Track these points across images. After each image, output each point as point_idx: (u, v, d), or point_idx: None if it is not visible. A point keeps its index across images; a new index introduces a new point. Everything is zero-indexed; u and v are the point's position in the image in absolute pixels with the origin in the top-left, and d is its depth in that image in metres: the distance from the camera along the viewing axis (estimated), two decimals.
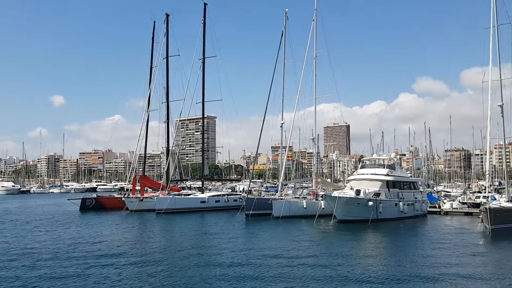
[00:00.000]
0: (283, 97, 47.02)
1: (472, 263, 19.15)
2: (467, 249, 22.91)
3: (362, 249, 23.59)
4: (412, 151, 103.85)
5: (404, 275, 16.49)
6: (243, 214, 39.43)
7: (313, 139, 50.84)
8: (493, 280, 15.91)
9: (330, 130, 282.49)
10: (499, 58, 35.29)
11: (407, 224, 35.50)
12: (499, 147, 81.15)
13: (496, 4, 35.42)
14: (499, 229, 28.68)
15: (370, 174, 40.53)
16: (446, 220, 39.26)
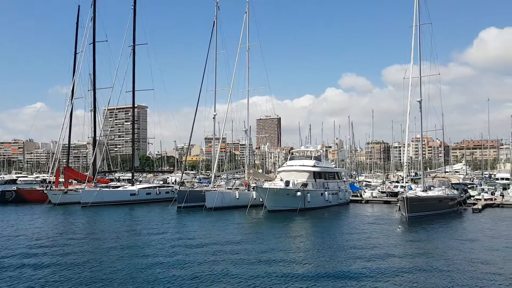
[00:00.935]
0: (216, 89, 46.68)
1: (390, 247, 20.46)
2: (386, 235, 24.39)
3: (290, 237, 24.17)
4: (337, 143, 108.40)
5: (329, 259, 17.34)
6: (175, 206, 38.70)
7: (245, 131, 51.14)
8: (409, 260, 17.20)
9: (262, 122, 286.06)
10: (420, 56, 37.72)
11: (331, 212, 37.09)
12: (416, 140, 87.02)
13: (418, 5, 37.71)
14: (415, 217, 30.81)
15: (299, 165, 41.72)
16: (367, 208, 41.46)
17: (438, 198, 35.15)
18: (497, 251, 19.82)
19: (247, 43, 46.84)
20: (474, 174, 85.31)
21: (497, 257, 18.39)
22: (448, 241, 22.75)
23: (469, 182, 58.04)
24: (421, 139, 42.66)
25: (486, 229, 27.10)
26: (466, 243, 21.92)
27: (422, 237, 24.29)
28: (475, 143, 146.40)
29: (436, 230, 26.90)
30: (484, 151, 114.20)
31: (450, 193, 37.90)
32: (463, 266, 16.31)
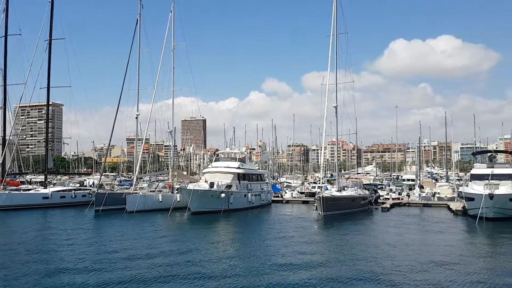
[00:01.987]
0: (139, 88, 45.09)
1: (308, 244, 21.42)
2: (303, 233, 25.51)
3: (213, 239, 24.16)
4: (261, 145, 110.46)
5: (251, 257, 17.74)
6: (92, 210, 36.78)
7: (170, 132, 50.14)
8: (322, 255, 18.16)
9: (188, 123, 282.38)
10: (336, 64, 39.88)
11: (254, 213, 37.87)
12: (332, 143, 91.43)
13: (336, 15, 39.81)
14: (330, 215, 32.50)
15: (223, 167, 41.95)
16: (287, 208, 42.88)
17: (351, 197, 37.41)
18: (399, 245, 21.66)
19: (172, 42, 46.12)
20: (383, 176, 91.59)
21: (399, 251, 20.11)
22: (359, 237, 24.38)
23: (379, 183, 62.23)
24: (337, 142, 45.02)
25: (392, 226, 29.48)
26: (374, 239, 23.68)
27: (335, 234, 25.75)
28: (385, 147, 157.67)
29: (348, 227, 28.63)
30: (393, 154, 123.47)
31: (362, 193, 40.51)
32: (371, 259, 17.61)
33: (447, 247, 21.22)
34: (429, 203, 45.01)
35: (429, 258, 18.43)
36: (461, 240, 24.43)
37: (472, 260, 18.13)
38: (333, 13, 39.71)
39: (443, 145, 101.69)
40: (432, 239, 24.36)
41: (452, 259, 18.29)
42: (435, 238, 24.47)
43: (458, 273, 15.36)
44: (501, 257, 19.05)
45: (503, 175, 34.01)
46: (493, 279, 14.62)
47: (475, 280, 14.43)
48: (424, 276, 14.90)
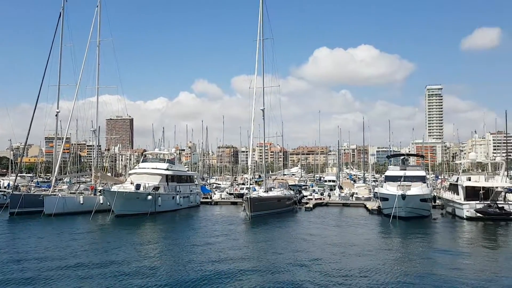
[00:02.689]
0: (60, 84, 42.20)
1: (234, 244, 21.43)
2: (230, 233, 25.51)
3: (138, 243, 23.15)
4: (191, 146, 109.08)
5: (175, 260, 17.25)
6: (7, 212, 33.78)
7: (94, 131, 47.39)
8: (249, 254, 18.21)
9: (113, 122, 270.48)
10: (263, 68, 40.54)
11: (182, 215, 37.15)
12: (260, 145, 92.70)
13: (262, 20, 40.50)
14: (257, 215, 32.89)
15: (151, 168, 40.68)
16: (216, 209, 42.68)
17: (277, 198, 38.22)
18: (320, 241, 22.51)
19: (97, 38, 43.86)
20: (307, 177, 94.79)
21: (320, 247, 20.91)
22: (284, 235, 24.94)
23: (303, 184, 64.37)
24: (264, 144, 45.79)
25: (315, 224, 30.56)
26: (298, 237, 24.35)
27: (262, 233, 26.06)
28: (309, 149, 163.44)
29: (274, 226, 29.15)
30: (316, 157, 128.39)
31: (287, 193, 41.58)
32: (293, 255, 18.09)
33: (363, 243, 22.46)
34: (348, 203, 47.38)
35: (347, 252, 19.59)
36: (376, 237, 25.96)
37: (385, 253, 19.44)
38: (259, 19, 40.42)
39: (361, 148, 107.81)
40: (350, 236, 25.64)
41: (367, 252, 19.54)
42: (352, 235, 25.79)
43: (372, 265, 16.52)
44: (409, 251, 20.55)
45: (414, 176, 36.74)
46: (402, 268, 16.03)
47: (387, 269, 15.79)
48: (341, 267, 15.60)
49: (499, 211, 31.18)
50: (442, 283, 14.07)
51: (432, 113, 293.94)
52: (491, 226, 29.42)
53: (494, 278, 14.94)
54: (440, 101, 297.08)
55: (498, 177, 37.20)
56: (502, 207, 31.51)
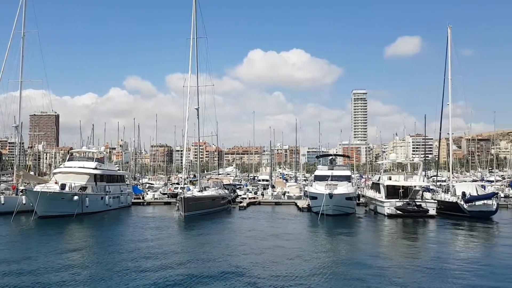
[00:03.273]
0: None
1: (167, 245, 20.78)
2: (163, 234, 24.81)
3: (59, 244, 21.70)
4: (122, 145, 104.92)
5: (100, 264, 16.34)
6: None
7: (16, 127, 43.81)
8: (181, 255, 17.80)
9: (37, 118, 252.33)
10: (197, 67, 40.05)
11: (112, 216, 35.50)
12: (195, 144, 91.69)
13: (196, 18, 40.00)
14: (191, 215, 32.41)
15: (78, 167, 38.46)
16: (149, 210, 41.41)
17: (212, 197, 37.98)
18: (253, 238, 22.71)
19: (22, 29, 40.67)
20: (242, 176, 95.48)
21: (253, 244, 21.05)
22: (217, 235, 24.78)
23: (238, 183, 64.64)
24: (199, 143, 45.29)
25: (248, 223, 30.80)
26: (231, 235, 24.36)
27: (195, 234, 25.71)
28: (244, 149, 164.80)
29: (208, 226, 28.89)
30: (251, 156, 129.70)
31: (222, 192, 41.49)
32: (225, 254, 18.03)
33: (293, 239, 23.05)
34: (280, 202, 48.39)
35: (277, 249, 19.87)
36: (305, 233, 26.75)
37: (312, 248, 20.05)
38: (193, 17, 39.92)
39: (293, 149, 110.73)
40: (281, 232, 26.14)
41: (295, 248, 20.02)
42: (283, 231, 26.34)
43: (299, 260, 17.09)
44: (335, 247, 21.41)
45: (341, 176, 38.39)
46: (327, 263, 16.57)
47: (314, 258, 16.38)
48: (272, 264, 15.84)
49: (417, 209, 33.56)
50: (364, 275, 14.80)
51: (357, 116, 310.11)
52: (410, 222, 31.57)
53: (411, 271, 16.01)
54: (365, 105, 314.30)
55: (416, 177, 40.07)
56: (420, 205, 33.93)
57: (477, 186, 39.57)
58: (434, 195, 40.02)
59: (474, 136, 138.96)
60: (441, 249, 21.13)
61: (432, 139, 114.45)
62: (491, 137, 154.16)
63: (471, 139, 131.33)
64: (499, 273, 15.64)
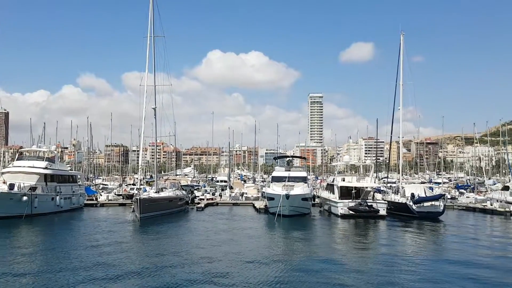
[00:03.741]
0: None
1: (119, 250, 20.09)
2: (116, 236, 24.08)
3: (4, 248, 20.62)
4: (75, 144, 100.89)
5: (52, 268, 15.54)
6: None
7: None
8: (135, 259, 17.32)
9: None
10: (154, 66, 39.27)
11: (62, 218, 34.00)
12: (152, 144, 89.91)
13: (153, 17, 39.24)
14: (147, 217, 31.67)
15: (28, 166, 36.61)
16: (102, 212, 40.08)
17: (169, 198, 37.34)
18: (211, 240, 22.57)
19: None
20: (200, 177, 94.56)
21: (211, 245, 20.94)
22: (173, 237, 24.44)
23: (196, 184, 63.96)
24: (156, 144, 44.45)
25: (205, 224, 30.56)
26: (188, 237, 24.10)
27: (150, 235, 25.19)
28: (202, 150, 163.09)
29: (164, 228, 28.40)
30: (209, 157, 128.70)
31: (179, 193, 40.87)
32: (181, 256, 17.80)
33: (250, 239, 23.15)
34: (238, 202, 48.42)
35: (235, 248, 20.01)
36: (261, 233, 26.92)
37: (268, 248, 20.21)
38: (150, 15, 39.21)
39: (251, 150, 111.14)
40: (238, 233, 26.20)
41: (252, 249, 20.19)
42: (240, 233, 26.40)
43: (256, 259, 17.10)
44: (290, 246, 21.73)
45: (298, 177, 38.97)
46: (283, 257, 16.82)
47: (270, 259, 17.04)
48: (228, 264, 15.81)
49: (368, 209, 34.67)
50: (316, 273, 15.12)
51: (313, 119, 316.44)
52: (361, 222, 32.56)
53: (363, 268, 16.52)
54: (321, 108, 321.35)
55: (368, 178, 41.39)
56: (371, 205, 35.08)
57: (425, 187, 41.51)
58: (384, 196, 41.56)
59: (423, 140, 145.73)
60: (391, 249, 21.94)
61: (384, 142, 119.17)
62: (439, 141, 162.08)
63: (419, 143, 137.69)
64: (445, 271, 16.46)
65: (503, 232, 29.23)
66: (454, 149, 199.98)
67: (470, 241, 24.27)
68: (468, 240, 24.43)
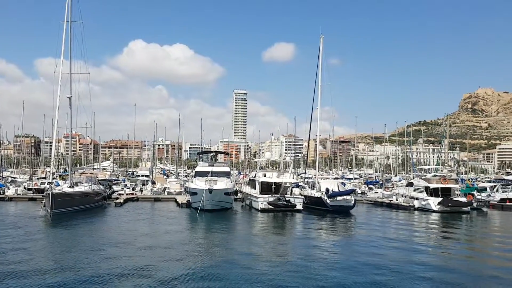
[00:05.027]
0: None
1: (26, 248, 18.47)
2: (23, 235, 22.07)
3: None
4: None
5: None
6: None
7: None
8: (43, 263, 16.07)
9: None
10: (70, 52, 36.61)
11: None
12: (67, 136, 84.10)
13: (70, 2, 36.58)
14: (60, 213, 29.59)
15: None
16: (10, 206, 36.85)
17: (84, 193, 35.25)
18: (130, 237, 21.72)
19: None
20: (120, 171, 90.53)
21: (123, 244, 20.08)
22: (87, 233, 23.11)
23: (114, 179, 61.18)
24: (71, 135, 41.62)
25: (124, 220, 29.36)
26: (105, 235, 22.91)
27: (62, 234, 23.43)
28: (123, 143, 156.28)
29: (78, 225, 26.65)
30: (130, 151, 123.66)
31: (96, 188, 38.75)
32: (98, 257, 16.87)
33: (171, 235, 22.77)
34: (160, 197, 47.27)
35: (155, 244, 19.51)
36: (183, 229, 26.54)
37: (191, 243, 20.05)
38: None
39: (175, 144, 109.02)
40: (159, 228, 25.60)
41: (174, 242, 19.87)
42: (161, 228, 25.81)
43: (177, 255, 16.90)
44: (212, 240, 21.73)
45: (221, 172, 39.12)
46: (204, 251, 16.89)
47: (191, 253, 16.70)
48: (148, 261, 15.36)
49: (286, 203, 35.92)
50: (236, 266, 15.33)
51: (238, 115, 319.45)
52: (280, 216, 33.63)
53: (278, 259, 17.08)
54: (245, 104, 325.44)
55: (287, 174, 42.89)
56: (289, 200, 36.37)
57: (339, 183, 44.06)
58: (302, 191, 43.33)
59: (338, 138, 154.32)
60: (305, 241, 22.98)
61: (303, 139, 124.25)
62: (352, 139, 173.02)
63: (334, 141, 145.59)
64: (354, 259, 17.63)
65: (407, 225, 31.95)
66: (365, 147, 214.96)
67: (377, 232, 26.26)
68: (375, 232, 26.39)
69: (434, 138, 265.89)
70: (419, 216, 37.13)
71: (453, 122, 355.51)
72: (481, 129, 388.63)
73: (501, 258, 19.21)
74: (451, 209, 38.53)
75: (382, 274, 14.90)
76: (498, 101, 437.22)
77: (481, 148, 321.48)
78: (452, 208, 38.60)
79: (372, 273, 15.02)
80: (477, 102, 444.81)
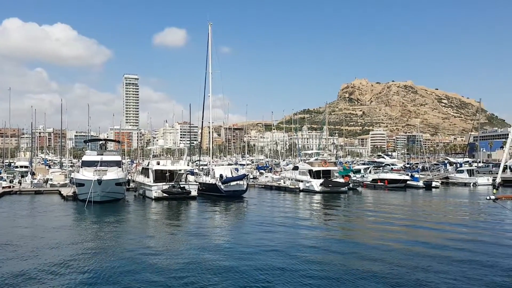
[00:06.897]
0: None
1: None
2: None
3: None
4: None
5: None
6: None
7: None
8: None
9: None
10: None
11: None
12: None
13: None
14: None
15: None
16: None
17: None
18: (9, 236, 19.37)
19: None
20: None
21: (10, 243, 17.97)
22: None
23: None
24: None
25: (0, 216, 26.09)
26: None
27: None
28: None
29: None
30: (6, 140, 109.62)
31: None
32: None
33: (56, 231, 20.92)
34: (41, 190, 42.99)
35: (37, 242, 17.72)
36: (70, 223, 24.50)
37: (77, 237, 18.56)
38: None
39: (58, 132, 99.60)
40: (41, 224, 23.28)
41: (60, 240, 18.25)
42: (45, 224, 23.50)
43: (67, 253, 15.42)
44: (99, 231, 20.47)
45: (111, 161, 36.96)
46: (92, 245, 15.68)
47: (78, 249, 15.00)
48: (31, 258, 13.90)
49: (181, 191, 35.56)
50: (126, 259, 14.74)
51: (129, 101, 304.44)
52: (174, 204, 33.18)
53: (171, 247, 16.86)
54: (137, 90, 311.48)
55: (182, 161, 42.41)
56: (183, 187, 36.06)
57: (232, 169, 45.05)
58: (197, 178, 43.32)
59: (231, 126, 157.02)
60: (199, 227, 23.11)
61: (197, 127, 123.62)
62: (244, 127, 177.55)
63: (228, 128, 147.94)
64: (247, 237, 18.28)
65: (293, 204, 34.28)
66: (257, 134, 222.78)
67: (267, 212, 27.65)
68: (265, 212, 27.78)
69: (317, 125, 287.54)
70: (304, 196, 40.01)
71: (332, 111, 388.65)
72: (356, 117, 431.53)
73: (377, 230, 21.73)
74: (331, 189, 42.27)
75: (272, 256, 15.71)
76: (371, 91, 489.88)
77: (357, 134, 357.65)
78: (332, 189, 42.36)
79: (263, 256, 15.73)
80: (353, 92, 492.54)
